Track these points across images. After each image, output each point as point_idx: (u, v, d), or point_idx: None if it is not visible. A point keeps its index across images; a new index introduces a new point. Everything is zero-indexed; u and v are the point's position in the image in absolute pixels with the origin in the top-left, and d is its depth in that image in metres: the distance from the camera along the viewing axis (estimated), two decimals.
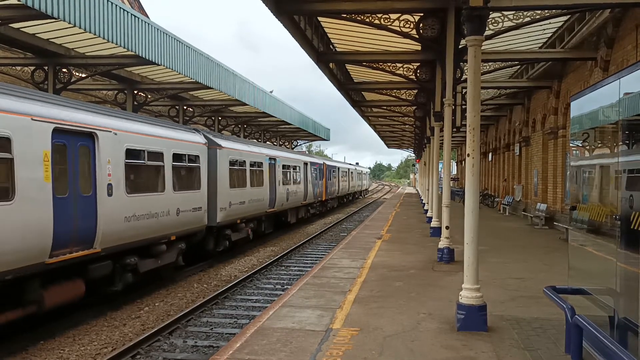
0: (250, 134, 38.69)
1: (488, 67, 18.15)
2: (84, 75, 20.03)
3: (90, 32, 13.33)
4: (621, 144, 4.93)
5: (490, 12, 10.48)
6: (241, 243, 19.33)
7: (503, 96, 26.26)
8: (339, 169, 42.41)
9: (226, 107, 28.73)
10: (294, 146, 54.61)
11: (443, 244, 12.73)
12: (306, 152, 50.41)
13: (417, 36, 12.54)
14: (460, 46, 11.85)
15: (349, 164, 55.75)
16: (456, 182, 53.60)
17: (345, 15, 12.18)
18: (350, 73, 20.95)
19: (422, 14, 12.06)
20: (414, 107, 24.95)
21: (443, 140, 14.27)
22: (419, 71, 16.99)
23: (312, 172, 31.50)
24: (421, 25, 12.13)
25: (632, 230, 4.41)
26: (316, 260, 17.07)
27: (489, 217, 26.18)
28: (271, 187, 22.42)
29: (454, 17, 11.54)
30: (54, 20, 13.05)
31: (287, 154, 28.05)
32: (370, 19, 12.11)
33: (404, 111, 28.18)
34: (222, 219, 16.47)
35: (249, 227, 19.58)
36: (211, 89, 22.12)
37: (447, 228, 12.74)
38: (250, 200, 19.35)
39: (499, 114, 32.72)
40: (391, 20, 12.28)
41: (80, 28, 12.92)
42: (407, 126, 36.87)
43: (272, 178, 22.66)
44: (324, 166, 35.49)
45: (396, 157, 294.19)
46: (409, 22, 12.36)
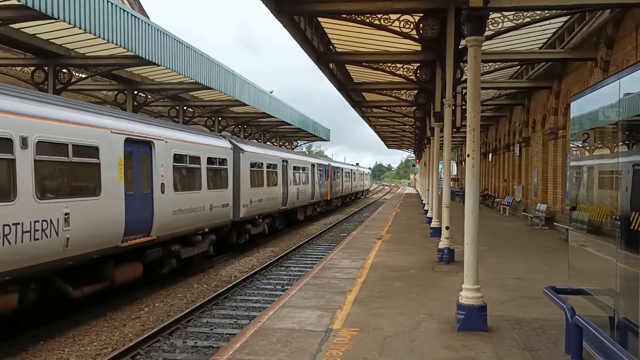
0: (250, 135, 38.68)
1: (488, 67, 18.16)
2: (84, 76, 20.04)
3: (90, 33, 13.33)
4: (621, 144, 4.93)
5: (490, 13, 10.47)
6: (258, 237, 21.11)
7: (503, 96, 26.25)
8: (342, 169, 44.22)
9: (226, 107, 28.73)
10: (294, 147, 54.60)
11: (443, 244, 12.73)
12: (306, 153, 50.47)
13: (417, 36, 12.54)
14: (460, 46, 11.85)
15: (351, 165, 57.30)
16: (456, 183, 53.59)
17: (345, 16, 12.18)
18: (350, 73, 20.95)
19: (422, 15, 12.06)
20: (414, 108, 24.96)
21: (443, 140, 14.27)
22: (419, 71, 16.99)
23: (318, 173, 33.29)
24: (421, 25, 12.13)
25: (632, 230, 4.41)
26: (316, 260, 17.07)
27: (489, 218, 26.18)
28: (284, 186, 24.53)
29: (454, 18, 11.54)
30: (54, 20, 13.05)
31: (298, 156, 30.10)
32: (370, 19, 12.11)
33: (404, 111, 28.18)
34: (244, 215, 18.50)
35: (265, 223, 21.62)
36: (211, 89, 22.11)
37: (447, 228, 12.74)
38: (267, 199, 21.49)
39: (499, 115, 32.72)
40: (391, 21, 12.28)
41: (80, 28, 12.93)
42: (407, 126, 36.87)
43: (284, 178, 24.74)
44: (329, 167, 37.22)
45: (396, 157, 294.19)
46: (409, 23, 12.36)
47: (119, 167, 10.99)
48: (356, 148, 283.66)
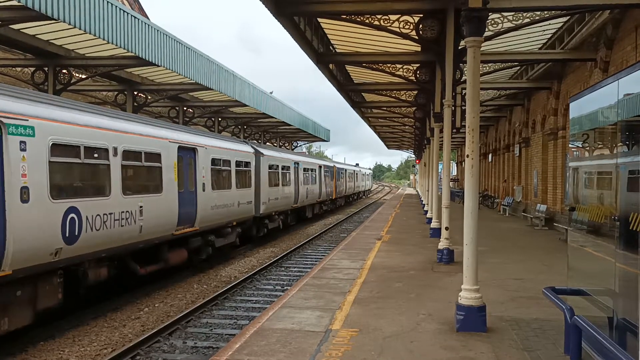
0: (250, 135, 38.69)
1: (488, 68, 18.17)
2: (84, 76, 20.05)
3: (90, 33, 13.34)
4: (620, 144, 4.94)
5: (490, 13, 10.49)
6: (273, 232, 23.42)
7: (503, 97, 26.26)
8: (346, 170, 46.87)
9: (226, 108, 28.73)
10: (293, 147, 54.61)
11: (443, 244, 12.73)
12: (306, 153, 50.60)
13: (416, 37, 12.55)
14: (459, 47, 11.86)
15: (353, 166, 59.22)
16: (456, 183, 53.57)
17: (344, 17, 12.19)
18: (350, 74, 20.96)
19: (421, 15, 12.06)
20: (414, 108, 24.96)
21: (443, 141, 14.28)
22: (418, 72, 16.99)
23: (324, 174, 35.64)
24: (421, 26, 12.14)
25: (630, 231, 4.41)
26: (316, 261, 17.07)
27: (488, 218, 26.19)
28: (296, 186, 27.02)
29: (453, 18, 11.55)
30: (54, 21, 13.06)
31: (307, 158, 33.05)
32: (369, 20, 12.12)
33: (403, 112, 28.19)
34: (263, 211, 20.89)
35: (280, 219, 24.05)
36: (211, 90, 22.12)
37: (446, 229, 12.74)
38: (281, 197, 24.03)
39: (498, 115, 32.73)
40: (391, 22, 12.29)
41: (80, 29, 12.93)
42: (407, 127, 36.88)
43: (296, 179, 27.28)
44: (334, 169, 39.65)
45: (396, 158, 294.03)
46: (408, 23, 12.37)
47: (174, 170, 13.50)
48: (356, 148, 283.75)
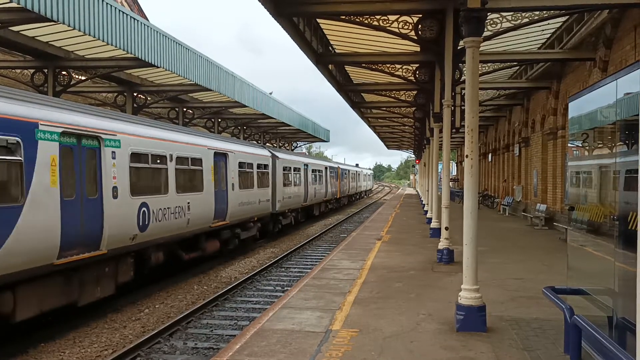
0: (249, 136, 38.70)
1: (487, 68, 18.18)
2: (83, 78, 20.06)
3: (89, 35, 13.35)
4: (620, 144, 4.94)
5: (489, 13, 10.52)
6: (286, 228, 25.68)
7: (502, 97, 26.27)
8: (349, 171, 49.59)
9: (226, 108, 28.74)
10: (293, 148, 54.62)
11: (443, 244, 12.74)
12: (305, 153, 50.70)
13: (415, 37, 12.56)
14: (459, 47, 11.87)
15: (356, 167, 61.37)
16: (456, 183, 53.57)
17: (344, 17, 12.20)
18: (350, 74, 20.97)
19: (420, 16, 12.07)
20: (414, 108, 24.97)
21: (442, 141, 14.28)
22: (418, 72, 17.01)
23: (330, 174, 37.83)
24: (420, 26, 12.15)
25: (629, 230, 4.42)
26: (316, 261, 17.07)
27: (488, 218, 26.19)
28: (305, 186, 29.45)
29: (452, 19, 11.56)
30: (53, 23, 13.07)
31: (315, 160, 36.03)
32: (369, 20, 12.13)
33: (403, 112, 28.20)
34: (278, 208, 23.25)
35: (292, 216, 26.36)
36: (211, 90, 22.15)
37: (446, 229, 12.74)
38: (294, 196, 26.48)
39: (498, 115, 32.74)
40: (390, 22, 12.30)
41: (79, 31, 12.95)
42: (406, 127, 36.90)
43: (306, 180, 29.64)
44: (338, 170, 41.89)
45: (396, 158, 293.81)
46: (407, 24, 12.38)
47: (211, 172, 15.69)
48: (356, 149, 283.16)
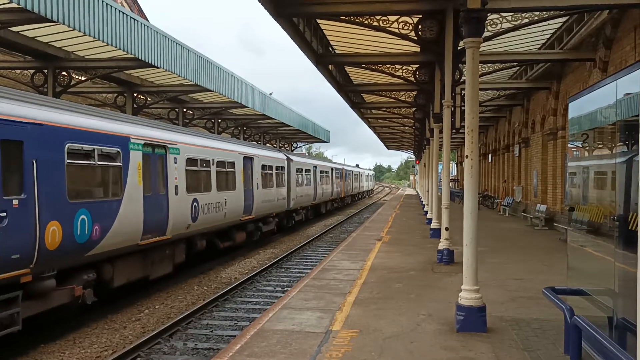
0: (250, 136, 38.71)
1: (487, 68, 18.17)
2: (83, 78, 20.06)
3: (89, 35, 13.36)
4: (620, 144, 4.94)
5: (488, 14, 10.51)
6: (298, 225, 28.41)
7: (502, 97, 26.26)
8: (352, 172, 52.74)
9: (226, 109, 28.74)
10: (293, 148, 54.63)
11: (443, 245, 12.73)
12: (306, 155, 50.85)
13: (415, 38, 12.56)
14: (459, 48, 11.87)
15: (359, 168, 64.34)
16: (456, 184, 53.56)
17: (344, 18, 12.19)
18: (350, 75, 20.97)
19: (420, 16, 12.07)
20: (414, 109, 24.97)
21: (442, 141, 14.28)
22: (418, 73, 17.00)
23: (336, 175, 40.76)
24: (420, 27, 12.14)
25: (629, 230, 4.42)
26: (316, 262, 17.06)
27: (489, 218, 26.19)
28: (315, 186, 32.28)
29: (452, 19, 11.55)
30: (53, 23, 13.07)
31: (323, 162, 39.54)
32: (369, 21, 12.13)
33: (403, 113, 28.20)
34: (292, 206, 26.04)
35: (303, 212, 29.35)
36: (211, 91, 22.15)
37: (446, 229, 12.74)
38: (305, 195, 29.24)
39: (498, 115, 32.73)
40: (390, 22, 12.30)
41: (79, 31, 12.95)
42: (406, 128, 36.89)
43: (315, 180, 32.39)
44: (342, 171, 44.70)
45: (396, 158, 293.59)
46: (407, 24, 12.38)
47: (241, 174, 18.44)
48: (356, 149, 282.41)
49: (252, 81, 26.04)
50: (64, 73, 18.18)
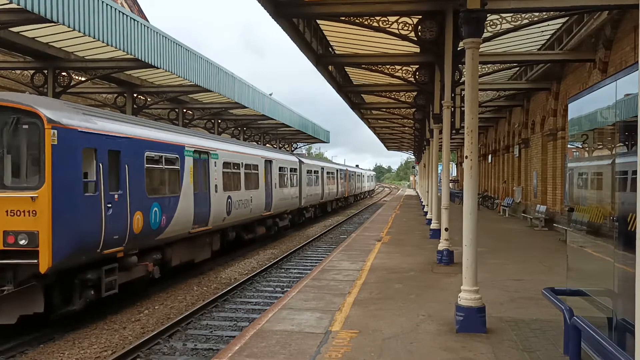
0: (249, 137, 38.70)
1: (487, 69, 18.17)
2: (83, 79, 20.07)
3: (89, 36, 13.37)
4: (619, 145, 4.94)
5: (488, 15, 10.51)
6: (307, 221, 30.87)
7: (502, 98, 26.26)
8: (355, 173, 55.67)
9: (226, 110, 28.76)
10: (293, 149, 54.65)
11: (442, 245, 12.73)
12: (305, 155, 51.00)
13: (415, 39, 12.56)
14: (458, 48, 11.87)
15: (358, 168, 66.35)
16: (455, 184, 53.54)
17: (343, 18, 12.20)
18: (350, 75, 20.97)
19: (420, 17, 12.07)
20: (413, 109, 24.97)
21: (442, 142, 14.28)
22: (417, 73, 16.99)
23: (340, 176, 43.24)
24: (419, 27, 12.14)
25: (629, 231, 4.42)
26: (316, 262, 17.05)
27: (488, 219, 26.19)
28: (322, 186, 34.86)
29: (452, 20, 11.56)
30: (53, 24, 13.07)
31: (329, 164, 42.41)
32: (368, 21, 12.13)
33: (403, 113, 28.20)
34: (303, 204, 28.80)
35: (312, 210, 31.93)
36: (211, 92, 22.16)
37: (446, 230, 12.74)
38: (313, 194, 31.86)
39: (498, 116, 32.74)
40: (390, 23, 12.30)
41: (79, 32, 12.97)
42: (406, 128, 36.89)
43: (322, 180, 34.95)
44: (346, 172, 47.63)
45: (396, 159, 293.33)
46: (407, 25, 12.38)
47: (263, 175, 21.16)
48: (357, 150, 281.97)
49: (253, 82, 26.12)
50: (64, 73, 18.19)
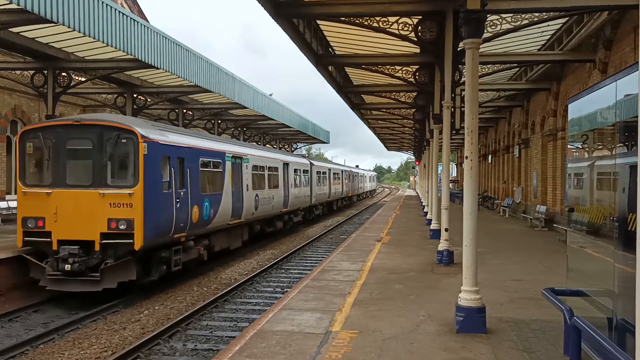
0: (249, 137, 38.71)
1: (487, 69, 18.17)
2: (83, 79, 20.06)
3: (89, 36, 13.37)
4: (620, 145, 4.94)
5: (488, 15, 10.51)
6: (316, 218, 34.01)
7: (502, 98, 26.25)
8: (358, 174, 59.25)
9: (226, 110, 28.75)
10: (293, 149, 54.67)
11: (442, 246, 12.72)
12: (305, 156, 51.09)
13: (415, 39, 12.55)
14: (458, 49, 11.86)
15: (358, 168, 68.21)
16: (456, 185, 53.54)
17: (343, 19, 12.19)
18: (350, 76, 20.97)
19: (420, 17, 12.07)
20: (414, 110, 24.96)
21: (442, 142, 14.27)
22: (417, 74, 16.98)
23: (345, 176, 46.41)
24: (419, 28, 12.13)
25: (629, 231, 4.42)
26: (316, 263, 17.06)
27: (488, 219, 26.18)
28: (329, 186, 37.87)
29: (452, 20, 11.56)
30: (53, 24, 13.08)
31: (335, 165, 45.64)
32: (368, 21, 12.13)
33: (403, 114, 28.19)
34: (314, 202, 32.13)
35: (321, 208, 35.25)
36: (210, 92, 22.14)
37: (446, 230, 12.73)
38: (322, 193, 34.91)
39: (498, 116, 32.74)
40: (390, 23, 12.29)
41: (79, 32, 12.96)
42: (406, 128, 36.89)
43: (329, 181, 38.03)
44: (350, 173, 51.05)
45: (396, 159, 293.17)
46: (407, 25, 12.37)
47: (282, 176, 24.16)
48: (357, 150, 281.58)
49: (253, 83, 26.12)
50: (63, 74, 18.18)
